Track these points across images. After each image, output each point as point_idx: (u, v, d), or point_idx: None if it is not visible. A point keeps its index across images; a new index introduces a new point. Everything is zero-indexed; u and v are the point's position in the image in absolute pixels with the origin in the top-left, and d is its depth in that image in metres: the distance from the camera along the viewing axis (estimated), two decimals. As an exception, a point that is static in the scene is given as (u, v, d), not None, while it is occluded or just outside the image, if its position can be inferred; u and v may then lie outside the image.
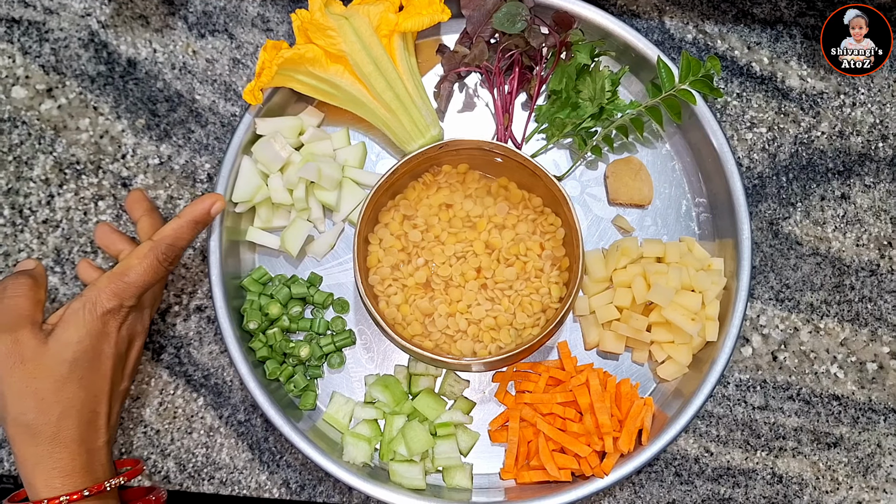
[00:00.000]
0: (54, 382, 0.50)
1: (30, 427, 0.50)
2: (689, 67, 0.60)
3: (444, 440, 0.59)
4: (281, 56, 0.58)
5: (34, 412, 0.50)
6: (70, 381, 0.51)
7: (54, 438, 0.50)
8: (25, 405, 0.49)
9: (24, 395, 0.49)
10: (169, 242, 0.54)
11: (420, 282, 0.61)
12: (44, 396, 0.50)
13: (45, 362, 0.50)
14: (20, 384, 0.50)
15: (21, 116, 0.65)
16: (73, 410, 0.51)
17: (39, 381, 0.50)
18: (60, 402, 0.50)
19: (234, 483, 0.61)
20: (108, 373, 0.53)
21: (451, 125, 0.65)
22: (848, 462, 0.62)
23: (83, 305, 0.52)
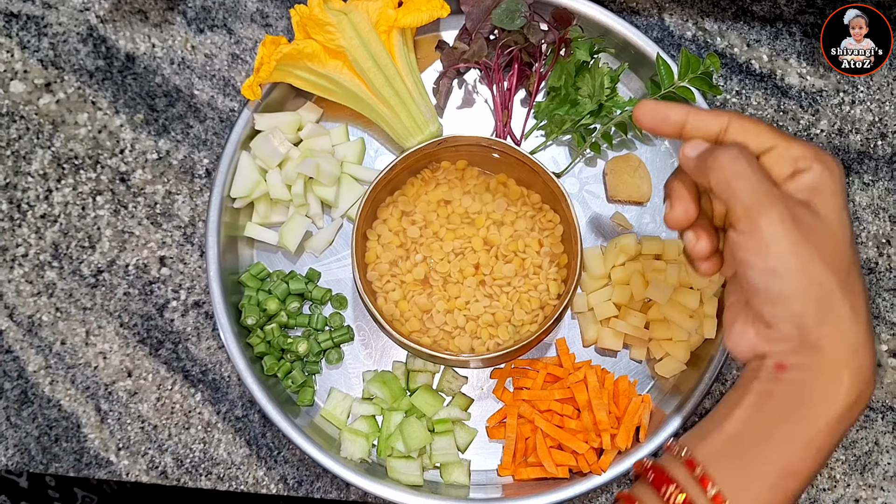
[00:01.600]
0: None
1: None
2: (689, 65, 0.60)
3: (442, 436, 0.59)
4: (280, 51, 0.58)
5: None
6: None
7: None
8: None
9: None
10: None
11: (418, 278, 0.61)
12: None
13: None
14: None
15: (19, 111, 0.65)
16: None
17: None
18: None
19: (231, 479, 0.61)
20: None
21: (450, 121, 0.65)
22: (845, 460, 0.62)
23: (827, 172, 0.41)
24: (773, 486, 0.40)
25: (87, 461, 0.61)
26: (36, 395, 0.62)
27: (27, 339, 0.62)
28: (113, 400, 0.62)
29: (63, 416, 0.62)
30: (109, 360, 0.62)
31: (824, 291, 0.40)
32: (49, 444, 0.62)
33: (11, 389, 0.62)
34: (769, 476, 0.40)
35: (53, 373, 0.62)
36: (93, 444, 0.62)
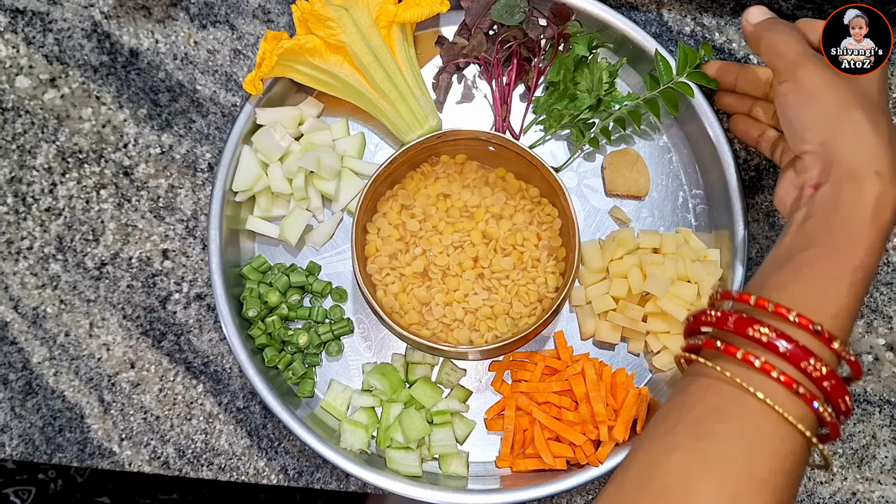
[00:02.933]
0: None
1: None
2: (686, 59, 0.60)
3: (441, 428, 0.60)
4: (281, 47, 0.58)
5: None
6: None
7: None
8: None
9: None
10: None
11: (417, 271, 0.61)
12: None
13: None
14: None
15: (24, 106, 0.66)
16: None
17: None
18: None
19: (232, 469, 0.62)
20: None
21: (450, 116, 0.65)
22: (843, 453, 0.62)
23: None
24: (842, 285, 0.42)
25: (91, 451, 0.62)
26: (40, 385, 0.63)
27: (32, 331, 0.63)
28: (116, 391, 0.63)
29: (67, 407, 0.63)
30: (113, 351, 0.63)
31: (848, 114, 0.46)
32: (53, 435, 0.62)
33: (16, 380, 0.63)
34: (831, 278, 0.42)
35: (57, 364, 0.63)
36: (96, 434, 0.62)
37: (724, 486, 0.38)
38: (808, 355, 0.39)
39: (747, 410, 0.39)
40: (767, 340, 0.40)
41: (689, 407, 0.41)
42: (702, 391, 0.41)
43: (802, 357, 0.39)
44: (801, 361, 0.39)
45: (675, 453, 0.40)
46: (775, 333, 0.40)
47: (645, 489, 0.40)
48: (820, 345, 0.40)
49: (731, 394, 0.40)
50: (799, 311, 0.40)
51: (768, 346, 0.40)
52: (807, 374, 0.40)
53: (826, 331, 0.40)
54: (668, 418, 0.42)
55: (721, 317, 0.42)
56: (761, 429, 0.39)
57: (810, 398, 0.39)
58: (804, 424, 0.39)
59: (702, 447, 0.39)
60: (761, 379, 0.40)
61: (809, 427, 0.40)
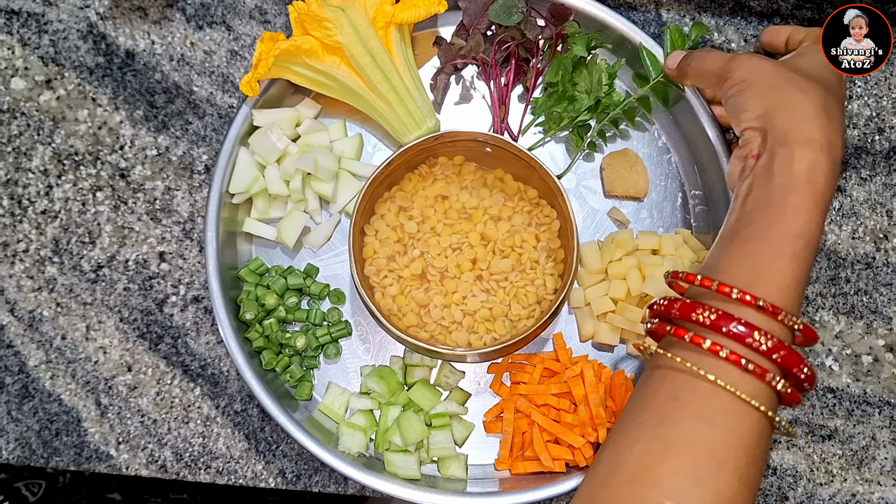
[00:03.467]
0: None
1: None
2: (674, 45, 0.60)
3: (439, 430, 0.59)
4: (278, 48, 0.58)
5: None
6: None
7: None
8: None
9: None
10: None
11: (416, 273, 0.61)
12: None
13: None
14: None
15: (20, 107, 0.65)
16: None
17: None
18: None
19: (230, 472, 0.62)
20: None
21: (448, 117, 0.65)
22: (842, 455, 0.62)
23: (813, 43, 0.54)
24: (782, 256, 0.42)
25: (88, 455, 0.62)
26: (37, 389, 0.62)
27: (28, 334, 0.63)
28: (113, 394, 0.62)
29: (63, 411, 0.62)
30: (109, 354, 0.63)
31: (780, 86, 0.47)
32: (50, 439, 0.62)
33: (12, 384, 0.63)
34: (773, 250, 0.43)
35: (54, 367, 0.63)
36: (93, 438, 0.62)
37: (685, 469, 0.39)
38: (752, 330, 0.40)
39: (701, 393, 0.40)
40: (711, 322, 0.41)
41: (649, 396, 0.42)
42: (660, 380, 0.42)
43: (747, 334, 0.40)
44: (746, 338, 0.40)
45: (639, 443, 0.41)
46: (717, 314, 0.41)
47: (614, 480, 0.40)
48: (766, 318, 0.41)
49: (685, 379, 0.41)
50: (741, 288, 0.41)
51: (713, 327, 0.41)
52: (755, 350, 0.40)
53: (769, 304, 0.41)
54: (631, 410, 0.43)
55: (668, 304, 0.43)
56: (717, 409, 0.40)
57: (762, 373, 0.40)
58: (759, 400, 0.40)
59: (662, 434, 0.40)
60: (711, 360, 0.41)
61: (765, 402, 0.40)
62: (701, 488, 0.38)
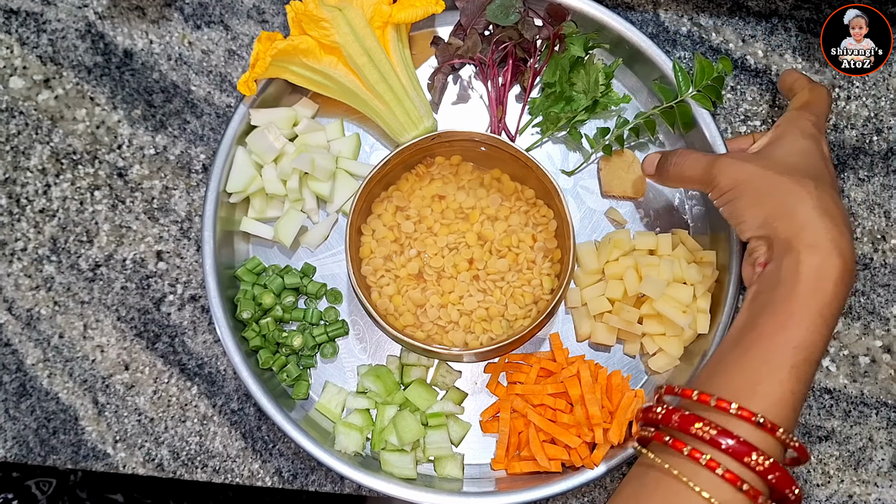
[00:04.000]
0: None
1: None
2: (704, 72, 0.60)
3: (436, 430, 0.59)
4: (275, 47, 0.58)
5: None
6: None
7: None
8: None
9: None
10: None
11: (412, 273, 0.61)
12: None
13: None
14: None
15: (18, 107, 0.65)
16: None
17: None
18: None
19: (227, 471, 0.62)
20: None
21: (446, 117, 0.65)
22: (839, 455, 0.62)
23: (787, 125, 0.52)
24: (782, 369, 0.42)
25: (85, 453, 0.62)
26: (34, 387, 0.63)
27: (26, 333, 0.63)
28: (110, 393, 0.62)
29: (61, 409, 0.62)
30: (107, 353, 0.63)
31: (773, 197, 0.46)
32: (47, 437, 0.62)
33: (10, 382, 0.63)
34: (773, 362, 0.42)
35: (52, 366, 0.63)
36: (90, 436, 0.62)
37: None
38: (750, 450, 0.40)
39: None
40: (710, 438, 0.41)
41: (643, 498, 0.42)
42: (654, 484, 0.42)
43: (745, 452, 0.40)
44: (744, 457, 0.40)
45: None
46: (717, 431, 0.41)
47: None
48: (764, 435, 0.41)
49: (678, 490, 0.41)
50: (740, 404, 0.41)
51: (712, 442, 0.41)
52: (751, 469, 0.40)
53: (768, 421, 0.41)
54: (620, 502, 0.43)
55: (666, 414, 0.43)
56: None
57: (755, 494, 0.40)
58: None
59: None
60: (707, 475, 0.40)
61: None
62: None
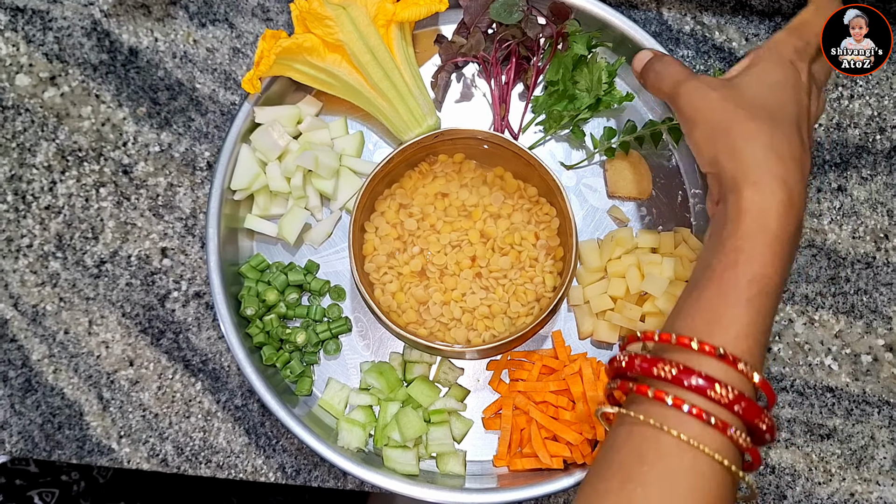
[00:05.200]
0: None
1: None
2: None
3: (438, 427, 0.60)
4: (279, 45, 0.58)
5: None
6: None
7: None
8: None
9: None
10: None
11: (415, 270, 0.61)
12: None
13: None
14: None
15: (24, 104, 0.66)
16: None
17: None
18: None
19: (230, 467, 0.62)
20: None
21: (449, 115, 0.65)
22: (841, 454, 0.62)
23: (767, 50, 0.50)
24: (738, 304, 0.42)
25: (90, 448, 0.62)
26: (40, 383, 0.63)
27: (31, 329, 0.64)
28: (115, 388, 0.63)
29: (66, 404, 0.63)
30: (112, 349, 0.63)
31: (725, 129, 0.46)
32: (52, 432, 0.63)
33: (16, 377, 0.63)
34: (727, 298, 0.42)
35: (57, 361, 0.63)
36: (95, 431, 0.63)
37: None
38: (712, 383, 0.40)
39: (664, 450, 0.40)
40: (673, 377, 0.40)
41: (615, 451, 0.42)
42: (625, 436, 0.42)
43: (708, 386, 0.40)
44: (708, 391, 0.40)
45: (605, 501, 0.40)
46: (679, 369, 0.40)
47: None
48: (726, 368, 0.41)
49: (649, 434, 0.40)
50: (700, 339, 0.41)
51: (675, 381, 0.40)
52: (716, 402, 0.40)
53: (729, 353, 0.40)
54: (599, 465, 0.43)
55: (629, 361, 0.43)
56: (680, 466, 0.39)
57: (723, 426, 0.39)
58: (722, 454, 0.39)
59: (627, 493, 0.40)
60: (674, 415, 0.40)
61: (728, 456, 0.40)
62: None
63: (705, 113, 0.47)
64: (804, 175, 0.45)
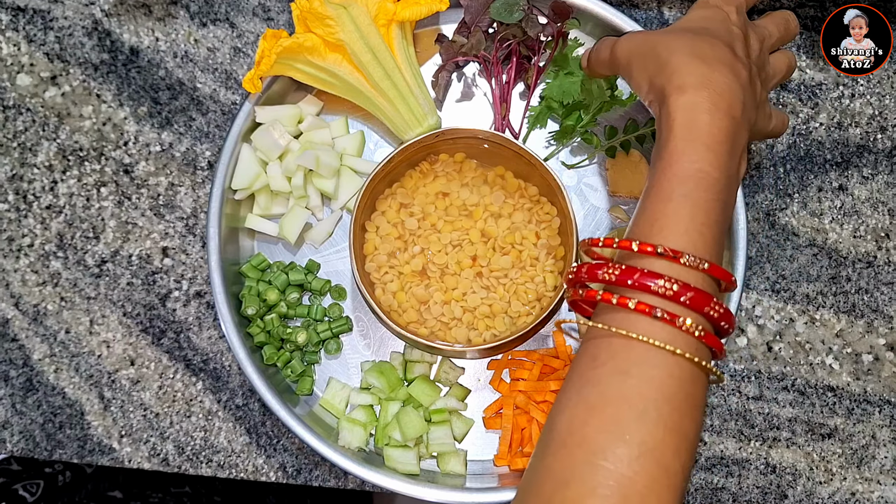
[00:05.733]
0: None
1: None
2: None
3: (439, 426, 0.60)
4: (280, 45, 0.58)
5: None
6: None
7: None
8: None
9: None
10: None
11: (416, 269, 0.61)
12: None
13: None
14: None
15: (26, 103, 0.66)
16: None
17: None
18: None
19: (231, 466, 0.62)
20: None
21: (450, 114, 0.65)
22: (842, 453, 0.62)
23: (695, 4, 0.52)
24: (671, 200, 0.42)
25: (91, 448, 0.62)
26: (41, 382, 0.63)
27: (32, 328, 0.64)
28: (116, 388, 0.63)
29: (67, 404, 0.63)
30: (113, 348, 0.63)
31: (653, 51, 0.48)
32: (53, 431, 0.63)
33: (17, 377, 0.63)
34: (662, 197, 0.43)
35: (58, 361, 0.63)
36: (96, 431, 0.63)
37: (607, 426, 0.39)
38: (654, 277, 0.40)
39: (616, 349, 0.40)
40: (616, 278, 0.41)
41: (574, 364, 0.43)
42: (583, 348, 0.43)
43: (650, 282, 0.40)
44: (650, 286, 0.40)
45: (566, 409, 0.41)
46: (621, 270, 0.41)
47: (548, 449, 0.40)
48: (669, 264, 0.41)
49: (601, 339, 0.41)
50: (641, 240, 0.42)
51: (619, 282, 0.41)
52: (662, 296, 0.40)
53: (668, 249, 0.41)
54: (565, 381, 0.43)
55: (576, 271, 0.44)
56: (631, 362, 0.40)
57: (671, 318, 0.40)
58: (673, 345, 0.39)
59: (585, 395, 0.40)
60: (622, 315, 0.41)
61: (681, 345, 0.40)
62: (625, 441, 0.38)
63: (636, 49, 0.49)
64: (737, 77, 0.45)
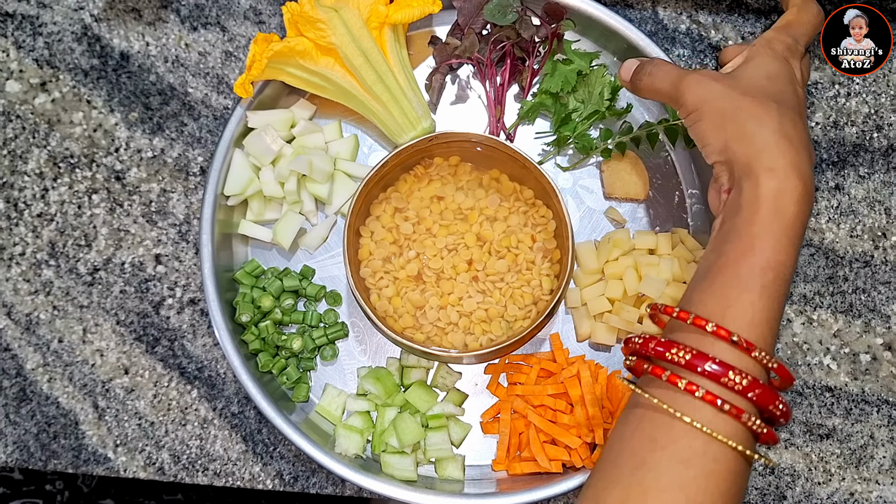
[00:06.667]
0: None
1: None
2: None
3: (436, 432, 0.59)
4: (271, 49, 0.58)
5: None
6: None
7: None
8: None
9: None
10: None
11: (411, 274, 0.61)
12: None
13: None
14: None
15: (15, 110, 0.65)
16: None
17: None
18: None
19: (227, 474, 0.62)
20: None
21: (444, 117, 0.65)
22: (840, 453, 0.62)
23: (761, 46, 0.50)
24: (752, 290, 0.42)
25: (86, 458, 0.62)
26: (34, 392, 0.63)
27: (25, 337, 0.63)
28: (110, 397, 0.62)
29: (61, 413, 0.62)
30: (106, 357, 0.63)
31: (734, 117, 0.46)
32: (48, 441, 0.62)
33: (10, 387, 0.63)
34: (742, 284, 0.42)
35: (51, 370, 0.63)
36: (91, 440, 0.62)
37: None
38: (726, 369, 0.40)
39: (677, 435, 0.40)
40: (686, 362, 0.40)
41: (627, 438, 0.42)
42: (637, 421, 0.42)
43: (722, 373, 0.40)
44: (721, 377, 0.40)
45: (616, 487, 0.40)
46: (692, 354, 0.40)
47: None
48: (740, 355, 0.41)
49: (662, 420, 0.40)
50: (717, 322, 0.41)
51: (689, 366, 0.40)
52: (730, 389, 0.40)
53: (743, 339, 0.40)
54: (611, 450, 0.42)
55: (643, 343, 0.43)
56: (692, 451, 0.39)
57: (737, 413, 0.39)
58: (735, 440, 0.39)
59: (639, 478, 0.40)
60: (687, 400, 0.40)
61: (741, 441, 0.40)
62: None
63: (711, 102, 0.47)
64: (812, 163, 0.45)
